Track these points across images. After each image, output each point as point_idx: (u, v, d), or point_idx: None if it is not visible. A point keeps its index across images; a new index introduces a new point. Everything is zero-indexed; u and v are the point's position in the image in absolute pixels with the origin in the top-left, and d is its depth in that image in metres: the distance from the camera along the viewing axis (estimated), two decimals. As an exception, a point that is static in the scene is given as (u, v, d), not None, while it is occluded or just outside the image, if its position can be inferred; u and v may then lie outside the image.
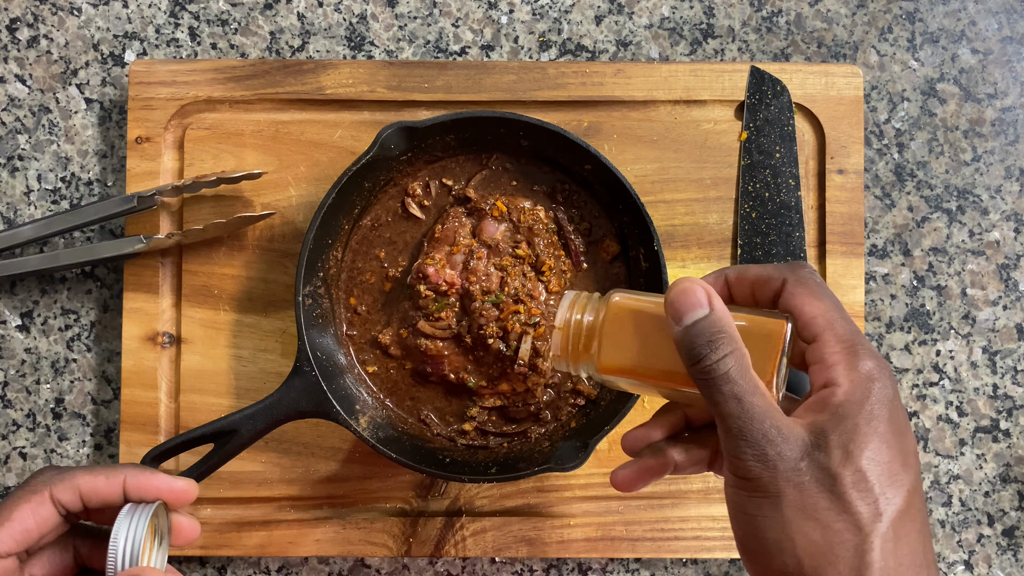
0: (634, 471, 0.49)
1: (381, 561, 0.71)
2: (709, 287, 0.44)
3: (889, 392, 0.43)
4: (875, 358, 0.43)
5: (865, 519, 0.40)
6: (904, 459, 0.42)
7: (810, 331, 0.44)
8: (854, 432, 0.41)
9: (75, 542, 0.56)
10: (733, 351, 0.43)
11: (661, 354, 0.47)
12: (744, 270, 0.47)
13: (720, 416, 0.43)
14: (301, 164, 0.70)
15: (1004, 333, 0.73)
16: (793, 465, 0.41)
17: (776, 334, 0.44)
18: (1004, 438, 0.72)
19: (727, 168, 0.71)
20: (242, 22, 0.73)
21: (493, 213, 0.67)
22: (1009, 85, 0.74)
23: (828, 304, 0.44)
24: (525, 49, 0.74)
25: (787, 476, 0.41)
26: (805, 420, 0.42)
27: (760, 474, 0.41)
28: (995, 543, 0.72)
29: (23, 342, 0.72)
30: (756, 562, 0.43)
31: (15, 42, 0.73)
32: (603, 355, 0.48)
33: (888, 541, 0.40)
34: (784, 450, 0.41)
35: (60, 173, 0.72)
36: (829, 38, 0.74)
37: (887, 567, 0.40)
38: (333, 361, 0.66)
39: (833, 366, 0.43)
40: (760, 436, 0.41)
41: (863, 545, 0.40)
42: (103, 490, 0.53)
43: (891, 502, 0.41)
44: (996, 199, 0.73)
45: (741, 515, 0.43)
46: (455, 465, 0.65)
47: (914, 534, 0.41)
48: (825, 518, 0.41)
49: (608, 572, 0.72)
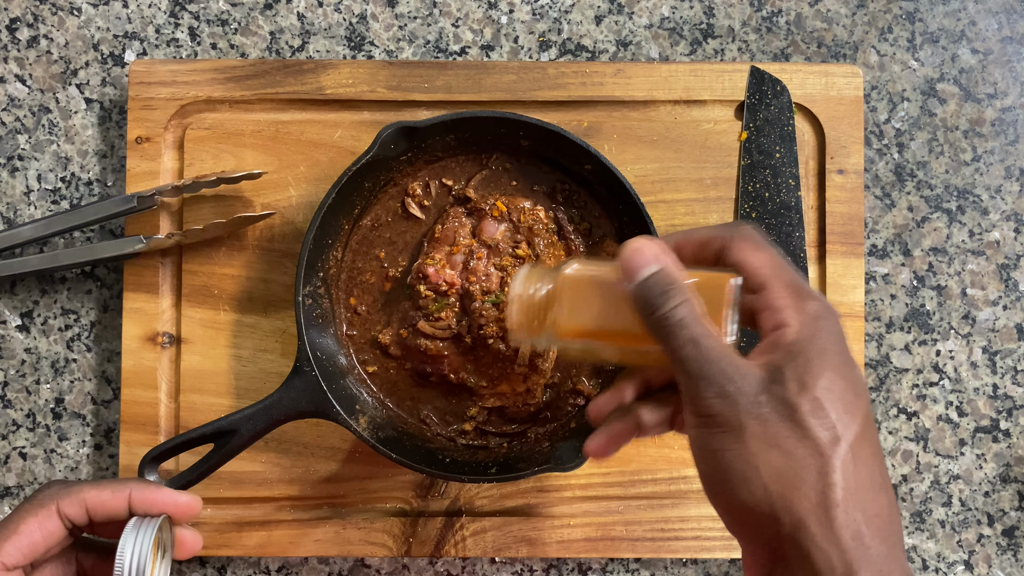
0: (605, 437, 0.50)
1: (381, 561, 0.71)
2: (659, 244, 0.47)
3: (836, 328, 0.45)
4: (820, 299, 0.45)
5: (825, 444, 0.42)
6: (856, 388, 0.44)
7: (757, 280, 0.46)
8: (808, 365, 0.43)
9: (78, 555, 0.57)
10: (685, 300, 0.45)
11: (618, 314, 0.49)
12: (689, 233, 0.49)
13: (679, 361, 0.44)
14: (301, 164, 0.70)
15: (1004, 333, 0.73)
16: (753, 398, 0.43)
17: (723, 286, 0.47)
18: (1004, 438, 0.72)
19: (727, 168, 0.71)
20: (242, 22, 0.73)
21: (493, 213, 0.67)
22: (1009, 85, 0.74)
23: (771, 254, 0.47)
24: (525, 49, 0.74)
25: (748, 409, 0.42)
26: (760, 361, 0.44)
27: (721, 410, 0.43)
28: (995, 543, 0.72)
29: (23, 342, 0.72)
30: (723, 496, 0.44)
31: (15, 42, 0.73)
32: (562, 320, 0.51)
33: (848, 463, 0.42)
34: (743, 385, 0.43)
35: (60, 173, 0.72)
36: (829, 38, 0.74)
37: (848, 487, 0.41)
38: (333, 361, 0.66)
39: (782, 309, 0.45)
40: (719, 374, 0.43)
41: (825, 468, 0.41)
42: (109, 504, 0.54)
43: (848, 427, 0.42)
44: (996, 199, 0.73)
45: (705, 452, 0.44)
46: (455, 465, 0.65)
47: (871, 457, 0.43)
48: (787, 445, 0.42)
49: (608, 572, 0.72)
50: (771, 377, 0.43)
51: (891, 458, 0.72)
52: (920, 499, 0.72)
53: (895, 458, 0.72)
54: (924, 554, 0.72)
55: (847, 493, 0.41)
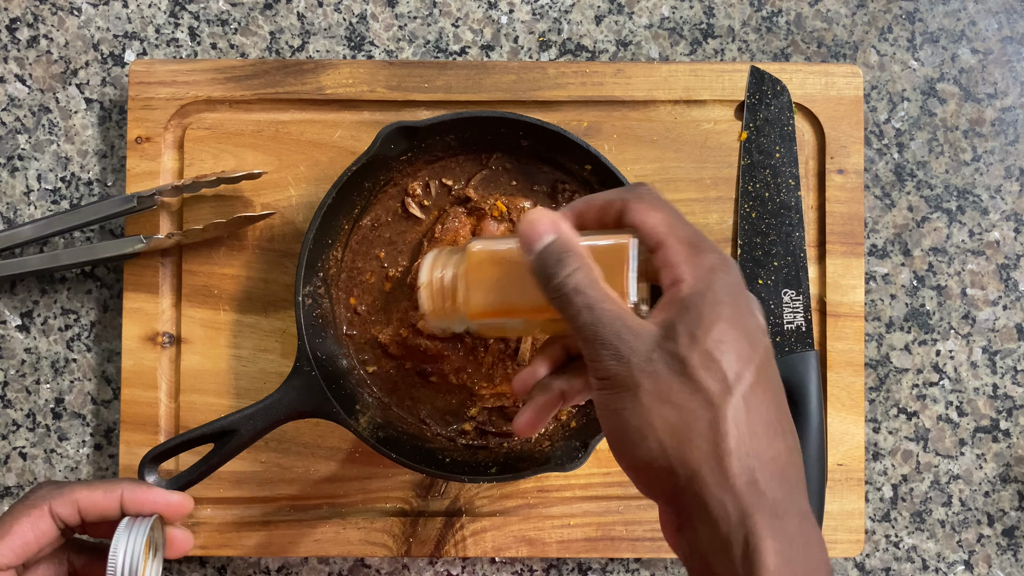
0: (531, 412, 0.51)
1: (381, 561, 0.71)
2: (555, 214, 0.48)
3: (731, 280, 0.45)
4: (716, 251, 0.46)
5: (715, 395, 0.42)
6: (750, 337, 0.44)
7: (654, 238, 0.46)
8: (699, 319, 0.43)
9: (70, 555, 0.57)
10: (580, 266, 0.46)
11: (524, 289, 0.50)
12: (590, 199, 0.49)
13: (577, 328, 0.45)
14: (301, 164, 0.70)
15: (1004, 333, 0.73)
16: (645, 357, 0.43)
17: (621, 248, 0.48)
18: (1004, 438, 0.72)
19: (727, 168, 0.71)
20: (242, 22, 0.73)
21: (493, 213, 0.67)
22: (1009, 85, 0.74)
23: (667, 212, 0.47)
24: (525, 49, 0.74)
25: (641, 367, 0.43)
26: (657, 319, 0.45)
27: (616, 371, 0.44)
28: (995, 543, 0.72)
29: (23, 342, 0.72)
30: (625, 455, 0.45)
31: (15, 42, 0.73)
32: (470, 301, 0.51)
33: (740, 412, 0.42)
34: (636, 345, 0.43)
35: (60, 173, 0.72)
36: (829, 38, 0.74)
37: (741, 435, 0.42)
38: (333, 361, 0.66)
39: (677, 264, 0.45)
40: (613, 337, 0.44)
41: (716, 418, 0.42)
42: (101, 504, 0.55)
43: (741, 377, 0.43)
44: (996, 199, 0.73)
45: (607, 413, 0.45)
46: (455, 465, 0.65)
47: (765, 404, 0.43)
48: (679, 399, 0.42)
49: (608, 572, 0.72)
50: (664, 334, 0.44)
51: (891, 458, 0.72)
52: (920, 499, 0.72)
53: (895, 458, 0.72)
54: (924, 554, 0.72)
55: (739, 441, 0.42)
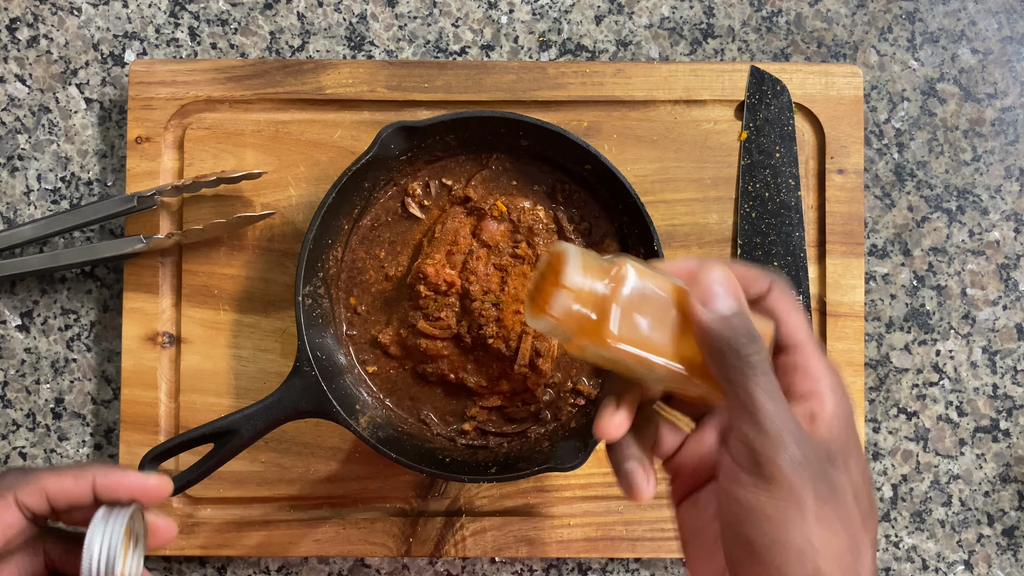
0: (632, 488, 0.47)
1: (381, 561, 0.71)
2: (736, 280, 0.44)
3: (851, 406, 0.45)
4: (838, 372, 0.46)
5: (858, 528, 0.43)
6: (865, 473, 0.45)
7: (792, 339, 0.45)
8: (847, 448, 0.43)
9: (45, 545, 0.54)
10: (762, 349, 0.42)
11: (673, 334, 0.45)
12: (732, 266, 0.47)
13: (753, 411, 0.42)
14: (301, 164, 0.70)
15: (1004, 333, 0.73)
16: (816, 471, 0.42)
17: (766, 335, 0.44)
18: (1004, 438, 0.72)
19: (727, 168, 0.71)
20: (242, 22, 0.73)
21: (493, 213, 0.67)
22: (1009, 85, 0.74)
23: (805, 317, 0.46)
24: (525, 49, 0.74)
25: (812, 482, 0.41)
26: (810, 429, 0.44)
27: (790, 476, 0.41)
28: (995, 543, 0.72)
29: (23, 342, 0.72)
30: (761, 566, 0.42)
31: (15, 42, 0.73)
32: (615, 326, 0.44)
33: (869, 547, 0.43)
34: (812, 456, 0.42)
35: (60, 173, 0.72)
36: (829, 38, 0.74)
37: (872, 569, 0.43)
38: (333, 361, 0.66)
39: (819, 379, 0.44)
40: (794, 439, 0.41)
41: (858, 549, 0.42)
42: (71, 491, 0.51)
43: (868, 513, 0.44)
44: (996, 199, 0.73)
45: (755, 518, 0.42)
46: (455, 465, 0.65)
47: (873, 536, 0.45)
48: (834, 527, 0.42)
49: (608, 572, 0.72)
50: (827, 455, 0.43)
51: (891, 458, 0.72)
52: (920, 499, 0.72)
53: (895, 458, 0.72)
54: (924, 554, 0.72)
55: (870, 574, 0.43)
